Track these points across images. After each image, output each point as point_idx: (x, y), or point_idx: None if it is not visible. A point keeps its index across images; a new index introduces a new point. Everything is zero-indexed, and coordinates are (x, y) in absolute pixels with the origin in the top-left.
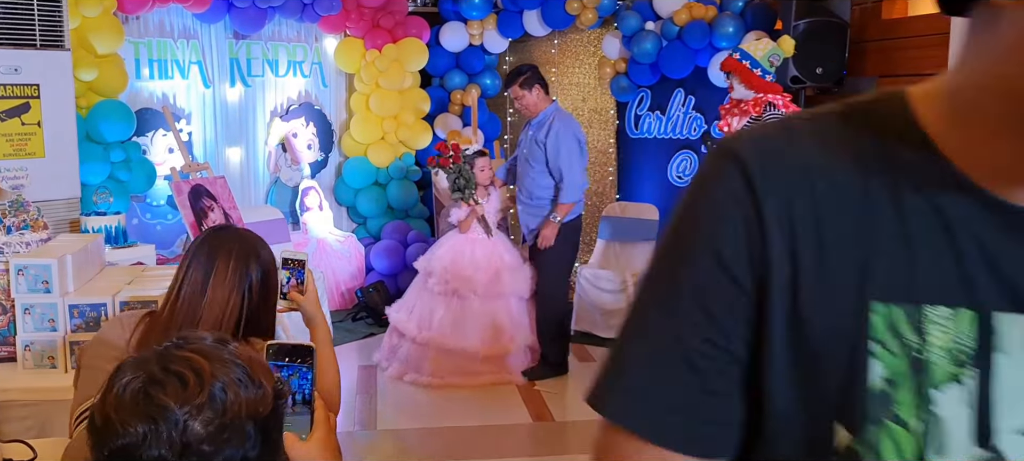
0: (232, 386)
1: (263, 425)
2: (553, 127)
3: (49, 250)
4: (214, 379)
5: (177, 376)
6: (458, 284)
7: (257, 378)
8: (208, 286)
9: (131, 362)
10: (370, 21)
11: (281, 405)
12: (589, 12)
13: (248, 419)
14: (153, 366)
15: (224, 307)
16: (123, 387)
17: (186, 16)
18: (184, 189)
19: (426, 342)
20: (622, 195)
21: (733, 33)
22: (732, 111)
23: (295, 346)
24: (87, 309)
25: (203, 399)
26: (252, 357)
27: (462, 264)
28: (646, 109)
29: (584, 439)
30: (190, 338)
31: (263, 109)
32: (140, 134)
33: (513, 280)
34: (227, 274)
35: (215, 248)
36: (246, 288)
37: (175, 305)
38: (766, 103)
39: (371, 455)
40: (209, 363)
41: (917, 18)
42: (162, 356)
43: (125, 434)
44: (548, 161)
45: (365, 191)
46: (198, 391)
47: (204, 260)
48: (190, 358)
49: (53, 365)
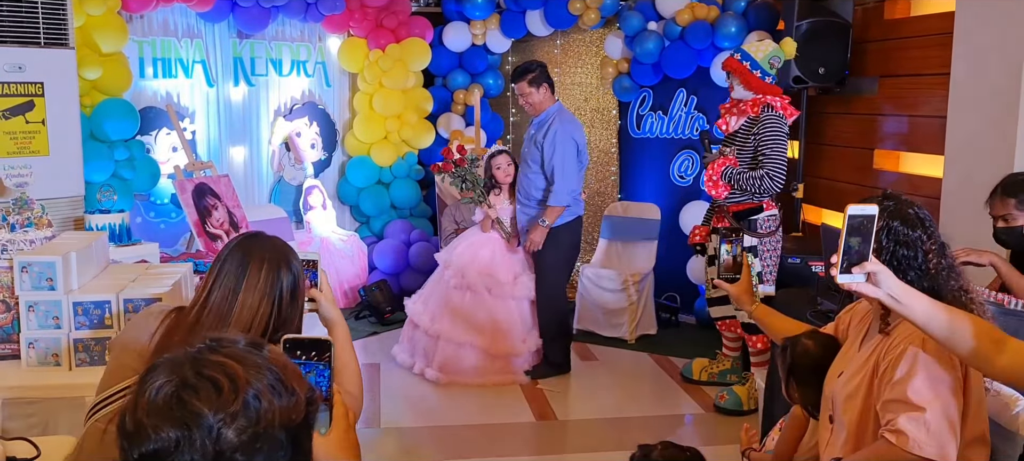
0: (266, 394)
1: (295, 432)
2: (552, 128)
3: (53, 247)
4: (248, 386)
5: (211, 381)
6: (473, 280)
7: (290, 385)
8: (240, 291)
9: (164, 363)
10: (373, 21)
11: (313, 411)
12: (591, 12)
13: (281, 428)
14: (187, 370)
15: (255, 313)
16: (156, 390)
17: (190, 15)
18: (188, 187)
19: (437, 334)
20: (624, 195)
21: (735, 33)
22: (731, 111)
23: (313, 341)
24: (91, 306)
25: (237, 407)
26: (285, 363)
27: (481, 261)
28: (648, 109)
29: (586, 438)
30: (224, 341)
31: (267, 108)
32: (144, 133)
33: (531, 284)
34: (259, 281)
35: (247, 254)
36: (276, 296)
37: (204, 307)
38: (764, 104)
39: (374, 453)
40: (243, 369)
41: (919, 18)
42: (196, 360)
43: (157, 439)
44: (543, 162)
45: (368, 190)
46: (232, 398)
47: (236, 265)
48: (224, 363)
49: (57, 362)
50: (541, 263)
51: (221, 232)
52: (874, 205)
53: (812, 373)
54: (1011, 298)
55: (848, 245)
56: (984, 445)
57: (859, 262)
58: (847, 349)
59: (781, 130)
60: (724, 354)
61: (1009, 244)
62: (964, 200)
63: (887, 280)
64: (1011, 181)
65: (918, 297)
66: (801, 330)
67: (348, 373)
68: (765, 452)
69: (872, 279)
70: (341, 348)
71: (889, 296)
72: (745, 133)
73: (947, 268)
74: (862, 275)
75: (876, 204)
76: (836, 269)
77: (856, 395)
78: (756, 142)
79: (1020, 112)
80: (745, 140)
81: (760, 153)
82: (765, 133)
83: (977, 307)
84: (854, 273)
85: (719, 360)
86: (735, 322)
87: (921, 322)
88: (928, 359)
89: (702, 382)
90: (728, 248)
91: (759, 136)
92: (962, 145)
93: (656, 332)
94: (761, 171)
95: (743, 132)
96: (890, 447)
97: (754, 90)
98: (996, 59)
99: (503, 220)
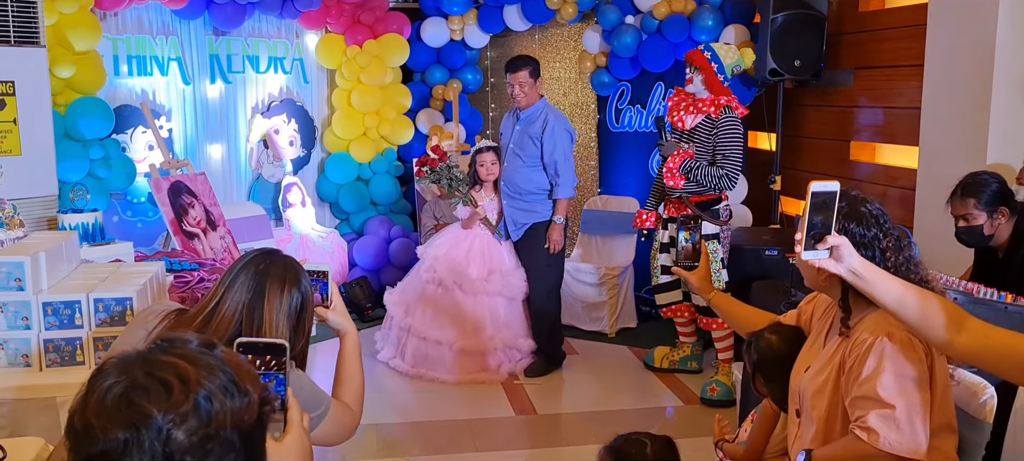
0: (218, 395)
1: (248, 434)
2: (548, 122)
3: (22, 247)
4: (200, 387)
5: (161, 382)
6: (445, 275)
7: (244, 385)
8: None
9: (114, 363)
10: (350, 17)
11: (267, 412)
12: (569, 6)
13: (233, 429)
14: (137, 370)
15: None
16: (104, 391)
17: (165, 12)
18: (163, 186)
19: (408, 328)
20: (603, 189)
21: (712, 26)
22: (686, 107)
23: (267, 344)
24: (61, 306)
25: (188, 408)
26: (239, 363)
27: (456, 256)
28: (627, 103)
29: (568, 432)
30: (176, 341)
31: (244, 106)
32: (119, 131)
33: (504, 282)
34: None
35: (264, 272)
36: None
37: (212, 315)
38: (724, 106)
39: (354, 450)
40: (195, 369)
41: (894, 10)
42: (147, 360)
43: (105, 441)
44: (543, 156)
45: (347, 187)
46: (183, 399)
47: (251, 281)
48: (176, 364)
49: (27, 363)
50: (540, 259)
51: (198, 231)
52: (836, 182)
53: (778, 367)
54: (980, 287)
55: (812, 222)
56: (951, 433)
57: (822, 238)
58: (812, 342)
59: (740, 132)
60: (683, 342)
61: (970, 244)
62: (938, 191)
63: (849, 256)
64: (970, 181)
65: (878, 273)
66: (759, 317)
67: (352, 386)
68: (738, 443)
69: (834, 254)
70: (348, 358)
71: (850, 271)
72: (705, 132)
73: (906, 261)
74: (825, 251)
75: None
76: (800, 246)
77: (823, 391)
78: (716, 141)
79: (992, 103)
80: (706, 138)
81: (719, 153)
82: (726, 135)
83: None
84: (818, 249)
85: (679, 348)
86: (683, 306)
87: (879, 296)
88: (895, 353)
89: (664, 370)
90: (687, 235)
91: (719, 137)
92: (936, 136)
93: (636, 325)
94: (721, 171)
95: (703, 130)
96: (859, 442)
97: (713, 91)
98: (968, 51)
99: (490, 218)
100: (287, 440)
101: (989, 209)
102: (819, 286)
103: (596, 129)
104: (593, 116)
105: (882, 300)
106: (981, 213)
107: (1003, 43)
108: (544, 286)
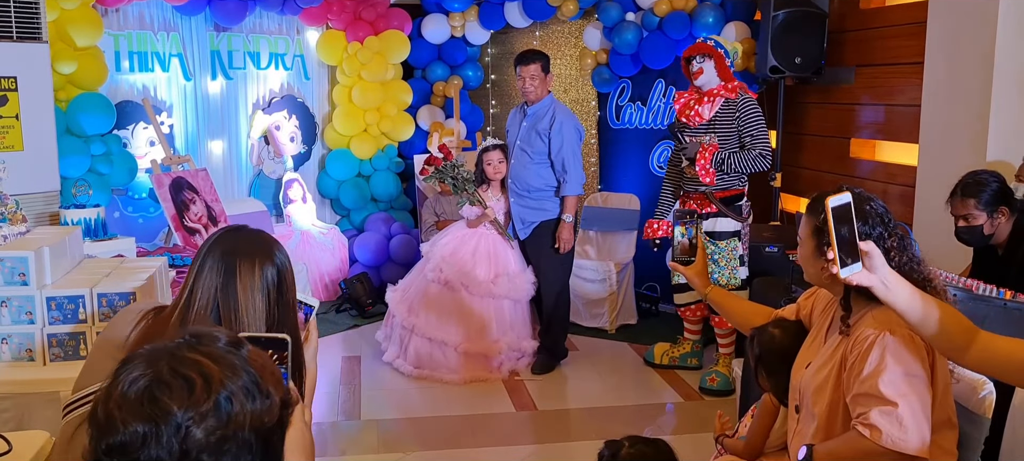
0: (239, 396)
1: (266, 436)
2: (557, 119)
3: (25, 243)
4: (222, 387)
5: (184, 379)
6: (452, 275)
7: (266, 387)
8: (234, 291)
9: (142, 355)
10: (351, 13)
11: (287, 414)
12: (570, 3)
13: (251, 430)
14: (162, 364)
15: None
16: (129, 384)
17: (166, 8)
18: (165, 182)
19: (411, 327)
20: (604, 185)
21: (713, 23)
22: (699, 100)
23: (269, 339)
24: (65, 301)
25: (208, 407)
26: (264, 363)
27: (462, 256)
28: (627, 99)
29: (567, 428)
30: (204, 337)
31: (245, 102)
32: (121, 127)
33: (511, 285)
34: (251, 278)
35: (230, 251)
36: (266, 291)
37: (186, 308)
38: (740, 87)
39: (355, 445)
40: (219, 369)
41: (894, 7)
42: (173, 355)
43: (125, 433)
44: (551, 153)
45: (348, 183)
46: (204, 398)
47: (219, 263)
48: (200, 362)
49: (31, 358)
50: (550, 257)
51: (199, 226)
52: (846, 193)
53: (780, 362)
54: (979, 283)
55: (841, 237)
56: (951, 429)
57: (851, 251)
58: (812, 338)
59: (760, 111)
60: (685, 338)
61: (970, 243)
62: (938, 188)
63: (881, 266)
64: (970, 181)
65: (903, 285)
66: (756, 312)
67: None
68: (738, 438)
69: (867, 264)
70: None
71: (882, 283)
72: (726, 117)
73: (909, 260)
74: (858, 264)
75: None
76: (836, 265)
77: (825, 388)
78: (739, 124)
79: (992, 100)
80: (728, 124)
81: (747, 134)
82: (749, 115)
83: (940, 295)
84: (850, 265)
85: (680, 344)
86: (699, 307)
87: (902, 309)
88: (897, 350)
89: (664, 366)
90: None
91: (742, 119)
92: (936, 133)
93: (636, 322)
94: (754, 151)
95: (724, 117)
96: (862, 438)
97: (724, 78)
98: (969, 48)
99: (499, 218)
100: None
101: (989, 209)
102: (821, 283)
103: (597, 126)
104: (594, 113)
105: (905, 314)
106: (981, 213)
107: (1003, 41)
108: (554, 286)
